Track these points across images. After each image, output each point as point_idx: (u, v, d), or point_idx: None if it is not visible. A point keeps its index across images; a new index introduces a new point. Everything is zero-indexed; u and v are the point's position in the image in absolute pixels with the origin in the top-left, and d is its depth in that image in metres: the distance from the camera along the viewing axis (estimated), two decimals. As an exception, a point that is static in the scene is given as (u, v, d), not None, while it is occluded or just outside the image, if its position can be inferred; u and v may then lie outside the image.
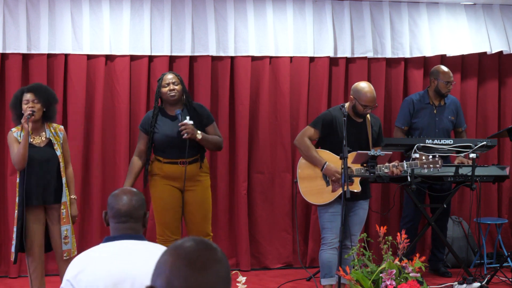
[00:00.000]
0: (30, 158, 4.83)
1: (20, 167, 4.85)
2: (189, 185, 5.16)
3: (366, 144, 5.28)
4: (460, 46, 6.91)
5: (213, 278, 1.58)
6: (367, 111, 5.24)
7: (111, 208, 2.84)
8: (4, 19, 6.18)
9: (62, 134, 5.03)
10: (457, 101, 6.56)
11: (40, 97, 4.90)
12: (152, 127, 5.17)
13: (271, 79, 6.69)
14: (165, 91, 5.17)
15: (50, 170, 4.90)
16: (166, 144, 5.13)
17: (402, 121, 6.43)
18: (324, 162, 5.20)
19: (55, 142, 4.96)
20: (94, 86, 6.36)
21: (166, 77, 5.20)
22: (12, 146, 4.90)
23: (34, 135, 4.93)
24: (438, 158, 5.31)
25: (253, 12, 6.58)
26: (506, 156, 7.09)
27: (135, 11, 6.39)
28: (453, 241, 6.58)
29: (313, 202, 5.33)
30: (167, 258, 1.61)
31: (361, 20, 6.79)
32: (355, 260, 4.51)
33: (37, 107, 4.88)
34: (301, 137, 5.33)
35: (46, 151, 4.92)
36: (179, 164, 5.12)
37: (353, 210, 5.24)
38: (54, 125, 5.03)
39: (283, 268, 6.67)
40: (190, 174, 5.14)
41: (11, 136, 4.93)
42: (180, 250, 1.61)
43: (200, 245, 1.62)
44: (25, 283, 6.05)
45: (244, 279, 4.31)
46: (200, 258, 1.59)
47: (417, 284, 4.26)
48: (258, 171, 6.70)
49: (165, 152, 5.14)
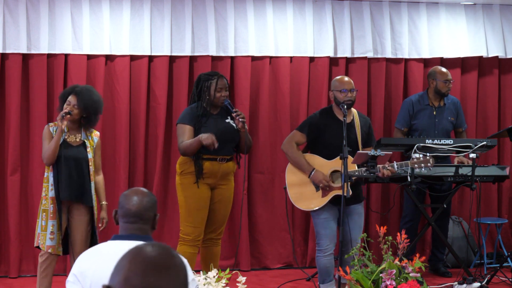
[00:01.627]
0: (61, 154, 4.84)
1: (48, 163, 4.87)
2: (221, 183, 5.21)
3: (355, 145, 5.17)
4: (458, 49, 6.93)
5: (172, 280, 1.58)
6: (348, 95, 5.12)
7: (121, 207, 2.82)
8: (4, 19, 6.18)
9: (96, 139, 5.06)
10: (457, 101, 6.56)
11: (81, 104, 4.90)
12: (200, 123, 5.13)
13: (271, 79, 6.69)
14: (218, 96, 5.17)
15: (79, 169, 4.92)
16: (217, 140, 5.10)
17: (401, 122, 6.43)
18: (312, 169, 5.13)
19: (88, 145, 4.98)
20: (94, 86, 6.33)
21: (221, 82, 5.20)
22: (45, 141, 4.93)
23: (69, 134, 4.96)
24: (429, 157, 5.24)
25: (253, 12, 6.58)
26: (506, 156, 7.09)
27: (135, 11, 6.39)
28: (453, 241, 6.58)
29: (303, 208, 5.27)
30: (125, 261, 1.61)
31: (361, 20, 6.79)
32: (355, 260, 4.51)
33: (75, 112, 4.90)
34: (288, 142, 5.25)
35: (79, 150, 4.94)
36: (218, 160, 5.14)
37: (348, 215, 5.09)
38: (91, 130, 5.06)
39: (283, 268, 6.67)
40: (226, 171, 5.20)
41: (46, 130, 4.96)
42: (140, 255, 1.60)
43: (161, 250, 1.62)
44: (25, 283, 6.06)
45: (244, 279, 4.32)
46: (160, 261, 1.59)
47: (417, 284, 4.26)
48: (258, 171, 6.71)
49: (207, 149, 5.09)
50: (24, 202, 6.29)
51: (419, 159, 5.21)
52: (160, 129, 6.43)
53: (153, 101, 6.47)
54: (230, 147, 5.23)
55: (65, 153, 4.87)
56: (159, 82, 6.46)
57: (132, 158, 6.45)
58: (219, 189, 5.22)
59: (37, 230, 4.93)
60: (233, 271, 4.45)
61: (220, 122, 5.21)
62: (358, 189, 5.25)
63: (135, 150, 6.45)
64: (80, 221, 4.95)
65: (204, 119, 5.16)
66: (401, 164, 5.20)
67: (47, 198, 4.91)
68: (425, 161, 5.21)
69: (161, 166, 6.42)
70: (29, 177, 6.28)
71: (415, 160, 5.21)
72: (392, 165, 5.15)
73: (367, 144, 5.30)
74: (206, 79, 5.24)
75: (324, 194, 5.13)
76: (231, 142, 5.22)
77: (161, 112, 6.44)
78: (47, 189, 4.92)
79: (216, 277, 4.18)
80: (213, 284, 4.14)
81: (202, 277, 4.18)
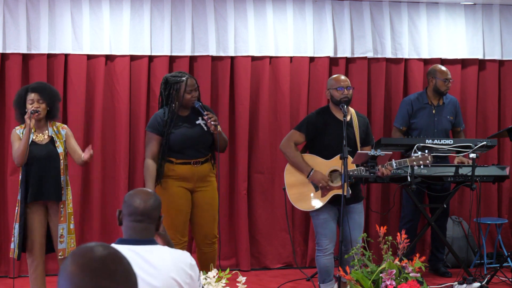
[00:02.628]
0: (31, 155, 4.88)
1: (19, 163, 4.89)
2: (201, 186, 5.12)
3: (353, 144, 5.16)
4: (456, 51, 6.94)
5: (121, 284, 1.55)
6: (344, 92, 5.12)
7: (127, 205, 2.78)
8: (4, 19, 6.18)
9: (64, 131, 5.06)
10: (456, 100, 6.56)
11: (45, 97, 4.95)
12: (168, 128, 5.06)
13: (271, 79, 6.69)
14: (189, 97, 5.06)
15: (51, 167, 4.93)
16: (184, 144, 5.05)
17: (400, 121, 6.43)
18: (310, 169, 5.12)
19: (56, 140, 4.99)
20: (94, 86, 6.36)
21: (189, 83, 5.06)
22: (14, 143, 4.96)
23: (37, 133, 4.98)
24: (428, 154, 5.24)
25: (253, 12, 6.58)
26: (506, 156, 7.09)
27: (135, 11, 6.39)
28: (453, 241, 6.58)
29: (303, 209, 5.26)
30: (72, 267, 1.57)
31: (361, 20, 6.79)
32: (355, 260, 4.51)
33: (42, 106, 4.93)
34: (286, 142, 5.23)
35: (48, 148, 4.95)
36: (192, 164, 5.07)
37: (347, 215, 5.08)
38: (57, 124, 5.07)
39: (283, 268, 6.67)
40: (202, 174, 5.10)
41: (14, 133, 5.00)
42: (87, 257, 1.57)
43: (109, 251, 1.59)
44: (25, 283, 6.05)
45: (244, 279, 4.31)
46: (110, 263, 1.56)
47: (417, 284, 4.26)
48: (258, 171, 6.70)
49: (180, 153, 5.06)
50: (24, 202, 6.28)
51: (417, 156, 5.20)
52: (160, 129, 6.43)
53: (153, 101, 6.47)
54: (203, 150, 5.12)
55: (36, 153, 4.89)
56: (159, 82, 6.42)
57: (132, 158, 6.45)
58: (199, 192, 5.13)
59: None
60: (233, 271, 4.45)
61: (190, 125, 5.10)
62: (357, 188, 5.25)
63: (135, 150, 6.45)
64: (56, 220, 4.97)
65: (171, 124, 5.05)
66: (400, 162, 5.19)
67: (18, 201, 4.94)
68: (424, 158, 5.20)
69: (161, 166, 6.42)
70: (29, 177, 6.27)
71: (413, 158, 5.21)
72: (391, 163, 5.14)
73: (366, 143, 5.29)
74: (174, 81, 5.09)
75: (323, 194, 5.12)
76: (203, 144, 5.12)
77: (161, 112, 6.44)
78: (19, 192, 4.95)
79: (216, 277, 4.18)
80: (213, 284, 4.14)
81: (202, 277, 4.18)
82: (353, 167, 5.07)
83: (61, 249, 4.98)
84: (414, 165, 5.24)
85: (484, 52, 7.00)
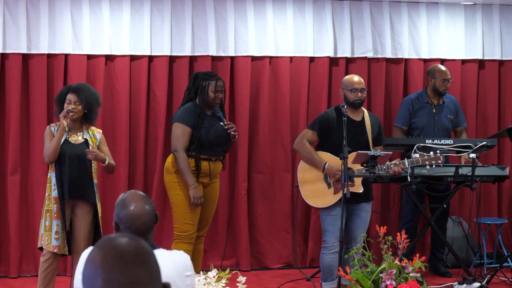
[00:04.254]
0: (65, 153, 4.86)
1: (49, 160, 4.89)
2: (210, 181, 5.30)
3: (365, 143, 5.24)
4: (456, 50, 6.95)
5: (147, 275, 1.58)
6: (358, 95, 5.19)
7: (127, 227, 2.68)
8: (4, 19, 6.18)
9: (99, 136, 5.09)
10: (456, 100, 6.57)
11: (83, 99, 4.94)
12: (199, 123, 5.17)
13: (271, 79, 6.69)
14: (213, 97, 5.20)
15: (82, 167, 4.93)
16: (215, 141, 5.21)
17: (401, 121, 6.43)
18: (325, 163, 5.19)
19: (91, 143, 5.00)
20: (94, 86, 6.32)
21: (219, 84, 5.23)
22: (46, 140, 4.95)
23: (71, 133, 4.98)
24: (440, 154, 5.27)
25: (253, 12, 6.58)
26: (506, 156, 7.09)
27: (135, 11, 6.39)
28: (453, 241, 6.58)
29: (314, 205, 5.32)
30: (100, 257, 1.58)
31: (361, 20, 6.79)
32: (355, 260, 4.51)
33: (78, 108, 4.93)
34: (300, 140, 5.32)
35: (81, 148, 4.95)
36: (212, 161, 5.24)
37: (355, 212, 5.19)
38: (93, 128, 5.09)
39: (283, 268, 6.67)
40: (217, 170, 5.32)
41: (48, 130, 5.00)
42: (115, 247, 1.59)
43: (133, 241, 1.61)
44: (25, 283, 6.05)
45: (244, 279, 4.32)
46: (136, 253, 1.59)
47: (417, 284, 4.26)
48: (258, 171, 6.70)
49: (209, 149, 5.21)
50: (24, 202, 6.28)
51: (430, 156, 5.23)
52: (160, 129, 6.43)
53: (153, 101, 6.47)
54: (223, 149, 5.34)
55: (68, 152, 4.88)
56: (159, 82, 6.46)
57: (132, 158, 6.45)
58: (209, 187, 5.31)
59: (41, 231, 4.93)
60: (233, 271, 4.45)
61: (217, 125, 5.27)
62: (369, 187, 5.31)
63: (135, 150, 6.45)
64: (83, 220, 4.96)
65: (202, 119, 5.19)
66: (412, 161, 5.23)
67: (50, 199, 4.91)
68: (436, 158, 5.23)
69: (161, 166, 6.41)
70: (29, 177, 6.27)
71: (425, 157, 5.23)
72: (403, 162, 5.19)
73: (377, 143, 5.36)
74: (205, 78, 5.25)
75: (336, 191, 5.17)
76: (224, 144, 5.34)
77: (161, 112, 6.44)
78: (50, 189, 4.92)
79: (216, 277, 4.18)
80: (213, 284, 4.14)
81: (202, 277, 4.18)
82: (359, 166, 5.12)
83: None
84: (426, 165, 5.27)
85: (484, 52, 7.01)
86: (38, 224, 5.65)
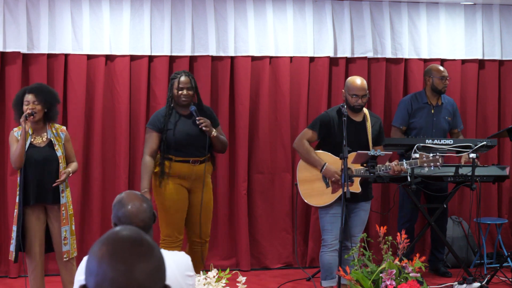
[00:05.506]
0: (29, 158, 4.85)
1: (17, 166, 4.88)
2: (198, 185, 5.18)
3: (366, 143, 5.25)
4: (456, 50, 6.95)
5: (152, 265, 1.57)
6: (358, 101, 5.17)
7: (123, 223, 2.73)
8: (4, 18, 6.18)
9: (63, 135, 5.03)
10: (454, 102, 6.57)
11: (41, 98, 4.90)
12: (166, 125, 5.13)
13: (271, 79, 6.69)
14: (177, 94, 5.14)
15: (49, 170, 4.91)
16: (183, 142, 5.12)
17: (400, 121, 6.43)
18: (324, 163, 5.19)
19: (55, 143, 4.96)
20: (94, 86, 6.36)
21: (181, 80, 5.14)
22: (12, 146, 4.93)
23: (35, 135, 4.94)
24: (439, 156, 5.28)
25: (253, 12, 6.58)
26: (506, 156, 7.09)
27: (135, 11, 6.39)
28: (453, 241, 6.58)
29: (313, 204, 5.32)
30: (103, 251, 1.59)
31: (361, 20, 6.79)
32: (355, 260, 4.51)
33: (37, 108, 4.89)
34: (300, 140, 5.31)
35: (46, 151, 4.92)
36: (190, 162, 5.13)
37: (354, 211, 5.22)
38: (56, 126, 5.04)
39: (283, 268, 6.67)
40: (200, 173, 5.17)
41: (12, 135, 4.97)
42: (116, 240, 1.59)
43: (135, 233, 1.60)
44: (26, 283, 6.05)
45: (244, 279, 4.31)
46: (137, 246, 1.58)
47: (417, 284, 4.26)
48: (258, 171, 6.70)
49: (179, 151, 5.13)
50: (24, 202, 6.28)
51: (428, 158, 5.24)
52: (160, 129, 6.43)
53: (153, 101, 6.47)
54: (201, 149, 5.17)
55: (34, 156, 4.86)
56: (159, 82, 6.46)
57: (132, 158, 6.44)
58: (195, 192, 5.21)
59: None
60: (233, 271, 4.45)
61: (189, 124, 5.16)
62: (368, 187, 5.31)
63: (135, 150, 6.45)
64: (58, 222, 4.95)
65: (172, 121, 5.11)
66: (411, 163, 5.24)
67: (16, 204, 4.92)
68: (435, 160, 5.25)
69: (161, 166, 6.42)
70: (29, 177, 6.27)
71: (424, 159, 5.25)
72: (402, 163, 5.19)
73: (377, 143, 5.36)
74: (172, 77, 5.22)
75: (334, 190, 5.18)
76: (199, 144, 5.17)
77: (161, 112, 6.44)
78: (17, 195, 4.93)
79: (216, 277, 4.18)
80: (213, 284, 4.14)
81: (202, 277, 4.18)
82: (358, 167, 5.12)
83: (66, 251, 4.95)
84: (425, 166, 5.28)
85: (484, 52, 7.01)
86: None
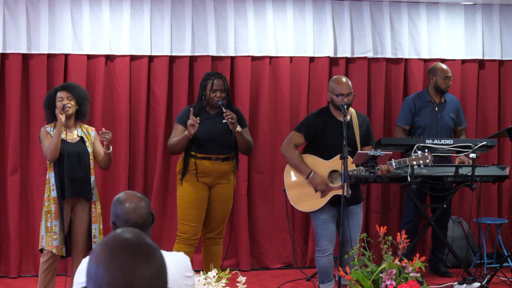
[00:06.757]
0: (63, 152, 4.86)
1: (52, 158, 4.87)
2: (220, 182, 5.24)
3: (353, 144, 5.15)
4: (456, 50, 6.95)
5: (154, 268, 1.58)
6: (344, 100, 5.06)
7: (124, 222, 2.78)
8: (4, 19, 6.18)
9: (93, 133, 5.10)
10: (457, 99, 6.57)
11: (74, 94, 4.97)
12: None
13: (271, 79, 6.69)
14: (212, 96, 5.20)
15: (82, 165, 4.94)
16: (206, 138, 5.16)
17: (403, 120, 6.42)
18: (310, 172, 5.12)
19: (86, 140, 5.02)
20: (94, 86, 6.36)
21: (215, 83, 5.20)
22: (44, 140, 4.94)
23: (67, 132, 4.98)
24: (428, 153, 5.23)
25: (253, 12, 6.58)
26: (506, 156, 7.09)
27: (135, 11, 6.39)
28: (453, 241, 6.58)
29: (302, 209, 5.27)
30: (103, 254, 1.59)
31: (361, 20, 6.79)
32: (355, 260, 4.51)
33: (72, 104, 4.95)
34: (287, 144, 5.24)
35: (79, 146, 4.97)
36: (213, 159, 5.18)
37: (346, 216, 5.09)
38: (85, 126, 5.12)
39: (283, 268, 6.67)
40: (222, 171, 5.22)
41: (43, 131, 4.99)
42: (117, 243, 1.59)
43: (136, 235, 1.61)
44: (25, 283, 6.05)
45: (244, 279, 4.31)
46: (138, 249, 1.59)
47: (417, 284, 4.26)
48: (258, 171, 6.70)
49: (202, 147, 5.17)
50: (24, 202, 6.28)
51: (417, 156, 5.20)
52: (160, 129, 6.43)
53: (153, 101, 6.47)
54: (224, 147, 5.22)
55: (67, 150, 4.88)
56: (159, 82, 6.46)
57: (132, 158, 6.45)
58: (216, 188, 5.25)
59: (41, 232, 4.92)
60: (233, 271, 4.45)
61: (215, 122, 5.22)
62: (358, 190, 5.24)
63: (135, 150, 6.45)
64: (83, 219, 4.95)
65: (200, 119, 5.16)
66: (399, 162, 5.19)
67: (50, 199, 4.91)
68: (424, 157, 5.19)
69: (161, 166, 6.42)
70: (29, 177, 6.27)
71: (413, 157, 5.20)
72: (390, 163, 5.13)
73: (366, 143, 5.28)
74: (206, 78, 5.29)
75: (323, 195, 5.12)
76: (224, 142, 5.21)
77: (161, 112, 6.44)
78: (49, 190, 4.92)
79: (216, 277, 4.18)
80: (213, 284, 4.14)
81: (202, 277, 4.18)
82: (353, 167, 5.07)
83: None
84: (414, 165, 5.24)
85: (484, 52, 7.01)
86: (38, 224, 5.66)
